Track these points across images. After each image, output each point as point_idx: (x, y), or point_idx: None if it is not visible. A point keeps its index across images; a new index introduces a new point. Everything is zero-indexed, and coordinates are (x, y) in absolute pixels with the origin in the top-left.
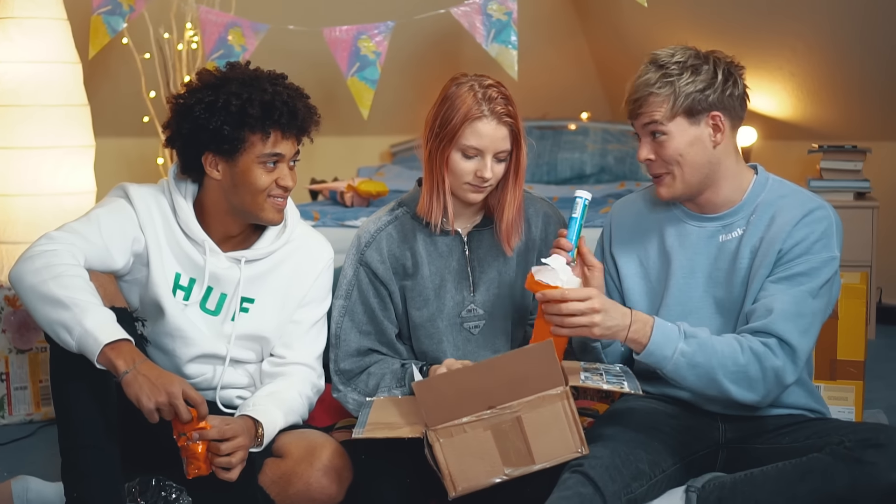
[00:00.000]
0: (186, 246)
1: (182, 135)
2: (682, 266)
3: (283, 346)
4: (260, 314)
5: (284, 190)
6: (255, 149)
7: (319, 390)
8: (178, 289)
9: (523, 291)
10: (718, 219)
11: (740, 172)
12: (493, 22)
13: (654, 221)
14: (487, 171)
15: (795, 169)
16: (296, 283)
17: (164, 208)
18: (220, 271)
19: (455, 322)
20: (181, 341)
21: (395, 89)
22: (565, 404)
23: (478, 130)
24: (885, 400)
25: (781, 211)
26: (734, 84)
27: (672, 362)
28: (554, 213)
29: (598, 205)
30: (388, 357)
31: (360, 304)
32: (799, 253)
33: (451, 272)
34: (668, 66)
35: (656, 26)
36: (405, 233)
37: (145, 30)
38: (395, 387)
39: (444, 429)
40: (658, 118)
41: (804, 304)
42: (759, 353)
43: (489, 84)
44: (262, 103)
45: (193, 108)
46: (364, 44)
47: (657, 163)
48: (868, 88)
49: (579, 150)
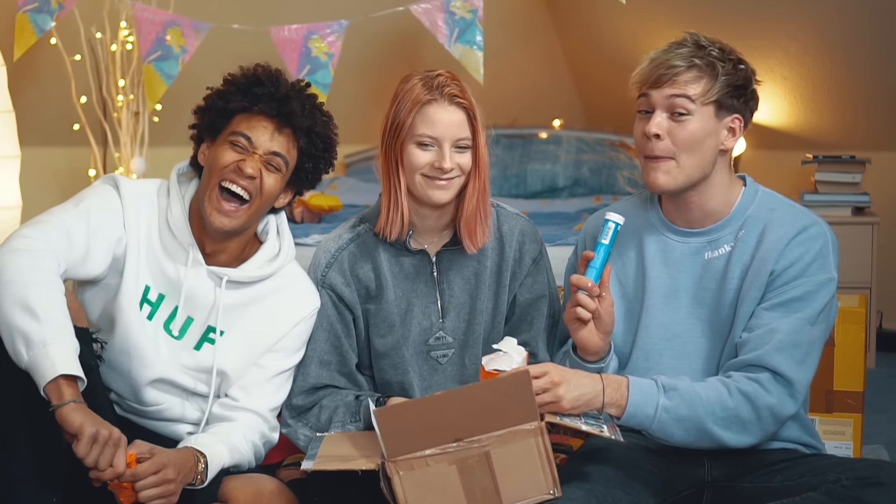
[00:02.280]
0: (164, 256)
1: (197, 119)
2: (664, 285)
3: (240, 388)
4: (225, 348)
5: (239, 174)
6: (232, 125)
7: (270, 443)
8: (145, 303)
9: (495, 318)
10: (704, 234)
11: (730, 182)
12: (457, 20)
13: (632, 236)
14: (446, 160)
15: (788, 181)
16: (272, 324)
17: (153, 209)
18: (195, 290)
19: (421, 351)
20: (138, 361)
21: (350, 94)
22: (539, 441)
23: (429, 116)
24: (886, 434)
25: (772, 227)
26: (755, 98)
27: (656, 421)
28: (530, 230)
29: (572, 220)
30: (341, 389)
31: (323, 330)
32: (793, 275)
33: (418, 295)
34: (709, 48)
35: (635, 26)
36: (368, 251)
37: (76, 29)
38: (350, 421)
39: (405, 461)
40: (692, 94)
41: (801, 332)
42: (748, 392)
43: (438, 73)
44: (246, 74)
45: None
46: (315, 44)
47: (664, 143)
48: (868, 93)
49: (551, 160)
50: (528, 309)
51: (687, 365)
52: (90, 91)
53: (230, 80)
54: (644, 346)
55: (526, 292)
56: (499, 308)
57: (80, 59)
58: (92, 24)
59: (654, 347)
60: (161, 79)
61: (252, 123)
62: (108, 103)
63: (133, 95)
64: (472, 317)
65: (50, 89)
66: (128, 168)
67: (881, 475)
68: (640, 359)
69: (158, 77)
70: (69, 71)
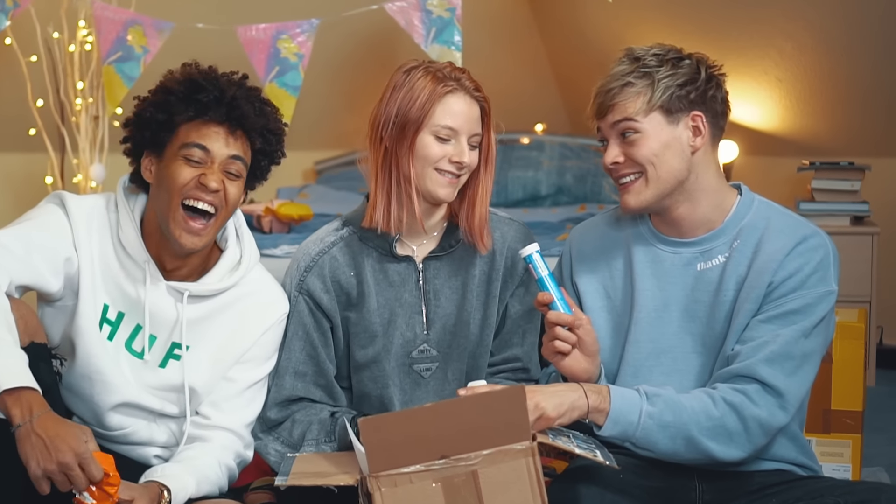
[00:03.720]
0: (120, 274)
1: (127, 139)
2: (654, 297)
3: (211, 405)
4: (192, 364)
5: (204, 190)
6: (178, 138)
7: (245, 461)
8: (105, 323)
9: (484, 331)
10: (696, 244)
11: (721, 190)
12: (434, 19)
13: (620, 247)
14: (465, 154)
15: (783, 189)
16: (239, 334)
17: (104, 225)
18: (156, 306)
19: (404, 363)
20: (101, 386)
21: (321, 98)
22: (530, 462)
23: (451, 107)
24: (887, 456)
25: (770, 237)
26: (717, 87)
27: (640, 428)
28: (525, 237)
29: (555, 231)
30: (316, 403)
31: (299, 339)
32: (792, 287)
33: (402, 305)
34: (644, 58)
35: (622, 26)
36: (353, 256)
37: (32, 29)
38: (324, 441)
39: (388, 477)
40: (631, 113)
41: (794, 344)
42: (734, 403)
43: (445, 65)
44: (187, 79)
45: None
46: (284, 45)
47: (626, 164)
48: (868, 95)
49: (533, 167)
50: (519, 321)
51: (677, 381)
52: (47, 94)
53: (166, 88)
54: (632, 363)
55: (518, 303)
56: (488, 320)
57: (37, 60)
58: (49, 24)
59: (643, 364)
60: (122, 81)
61: (203, 132)
62: (66, 107)
63: (92, 99)
64: (458, 329)
65: (4, 92)
66: (87, 175)
67: (881, 499)
68: (628, 375)
69: (119, 79)
70: (25, 72)
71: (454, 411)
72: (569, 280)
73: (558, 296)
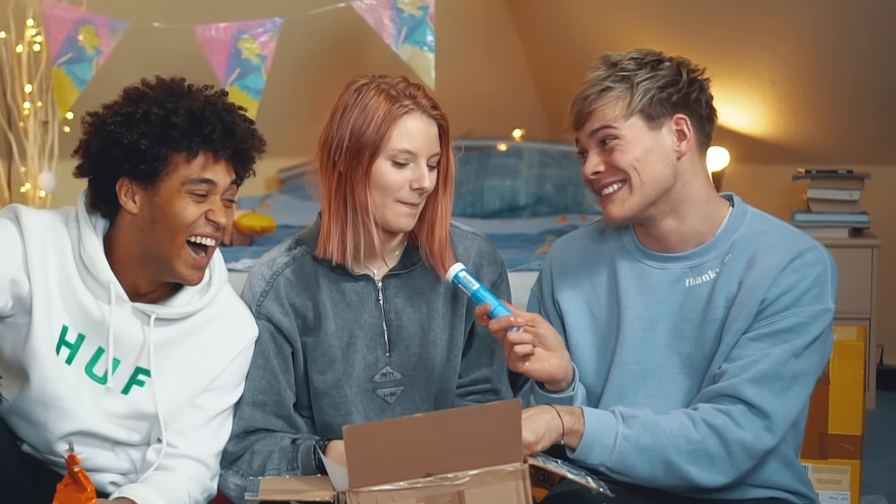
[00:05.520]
0: (83, 293)
1: (93, 156)
2: (640, 316)
3: (176, 432)
4: (157, 390)
5: (215, 228)
6: (178, 172)
7: (210, 495)
8: (63, 345)
9: (451, 351)
10: (685, 258)
11: (711, 202)
12: (405, 18)
13: (604, 263)
14: (426, 178)
15: (777, 199)
16: (208, 360)
17: (63, 242)
18: (121, 328)
19: (366, 388)
20: (57, 413)
21: (285, 101)
22: (520, 486)
23: (408, 128)
24: (888, 484)
25: (764, 252)
26: (700, 90)
27: (616, 452)
28: (489, 251)
29: (535, 243)
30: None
31: (258, 367)
32: (786, 304)
33: (362, 326)
34: (621, 62)
35: (605, 25)
36: (306, 278)
37: None
38: (287, 469)
39: (368, 494)
40: (610, 119)
41: (783, 365)
42: (716, 426)
43: (398, 80)
44: (190, 113)
45: (107, 122)
46: (246, 45)
47: (608, 172)
48: (866, 100)
49: (511, 175)
50: (487, 340)
51: (663, 404)
52: None
53: (162, 119)
54: (617, 385)
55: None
56: (455, 340)
57: None
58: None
59: (628, 386)
60: (73, 84)
61: (209, 166)
62: (13, 111)
63: (41, 102)
64: (423, 350)
65: None
66: (35, 184)
67: None
68: (612, 398)
69: (70, 82)
70: None
71: (444, 424)
72: (549, 297)
73: (495, 303)
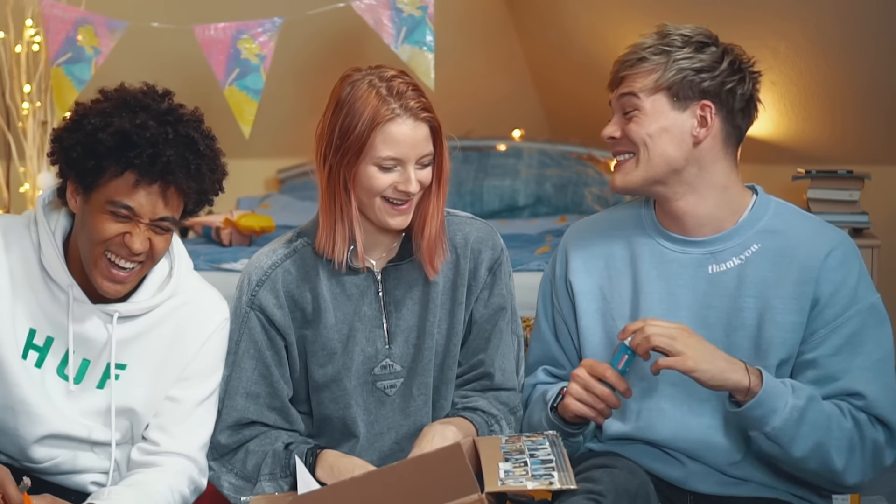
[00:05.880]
0: (45, 296)
1: (56, 152)
2: (662, 300)
3: (158, 429)
4: (130, 384)
5: (129, 252)
6: (107, 189)
7: (199, 489)
8: (31, 349)
9: (451, 341)
10: (705, 244)
11: (733, 188)
12: (405, 18)
13: (623, 248)
14: (411, 183)
15: None
16: (176, 349)
17: (25, 246)
18: (86, 329)
19: (366, 381)
20: (26, 417)
21: (284, 101)
22: None
23: (392, 136)
24: (888, 484)
25: (797, 243)
26: (741, 81)
27: (782, 417)
28: (487, 235)
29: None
30: (270, 430)
31: (250, 357)
32: (844, 304)
33: (361, 319)
34: (670, 35)
35: (604, 25)
36: (306, 269)
37: None
38: (281, 476)
39: None
40: (637, 89)
41: (889, 371)
42: (860, 420)
43: (392, 76)
44: (119, 132)
45: (66, 122)
46: (245, 45)
47: (621, 141)
48: (866, 100)
49: (511, 175)
50: (484, 325)
51: (684, 392)
52: None
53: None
54: (639, 371)
55: (482, 307)
56: (454, 329)
57: None
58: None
59: (648, 373)
60: (72, 84)
61: (133, 194)
62: (12, 111)
63: (40, 102)
64: (421, 341)
65: None
66: (34, 184)
67: None
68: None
69: (69, 82)
70: None
71: (394, 476)
72: (563, 279)
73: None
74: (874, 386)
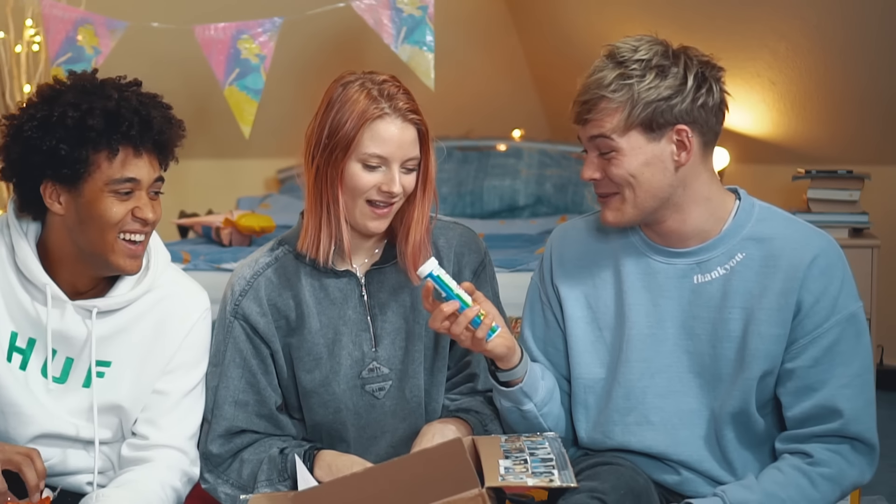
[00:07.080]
0: (24, 298)
1: (13, 162)
2: (648, 313)
3: (146, 422)
4: (115, 380)
5: (143, 224)
6: (101, 172)
7: (192, 480)
8: (15, 351)
9: (439, 343)
10: (690, 254)
11: (716, 197)
12: (405, 18)
13: (607, 256)
14: (395, 183)
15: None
16: (159, 341)
17: (1, 251)
18: (66, 327)
19: (355, 385)
20: (15, 419)
21: (284, 101)
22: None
23: (380, 133)
24: (888, 484)
25: (782, 251)
26: (709, 92)
27: None
28: (469, 238)
29: (534, 243)
30: (263, 438)
31: (237, 366)
32: (824, 315)
33: (346, 323)
34: (627, 64)
35: (604, 25)
36: (288, 277)
37: None
38: (278, 480)
39: None
40: (608, 130)
41: (867, 385)
42: (832, 477)
43: (384, 80)
44: (106, 112)
45: (24, 128)
46: (245, 45)
47: (603, 182)
48: (866, 100)
49: (511, 175)
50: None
51: (673, 404)
52: None
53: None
54: (625, 384)
55: None
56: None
57: None
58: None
59: (636, 385)
60: None
61: (130, 162)
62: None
63: None
64: (409, 343)
65: None
66: None
67: None
68: (620, 397)
69: None
70: None
71: (393, 472)
72: (549, 283)
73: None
74: (852, 404)
